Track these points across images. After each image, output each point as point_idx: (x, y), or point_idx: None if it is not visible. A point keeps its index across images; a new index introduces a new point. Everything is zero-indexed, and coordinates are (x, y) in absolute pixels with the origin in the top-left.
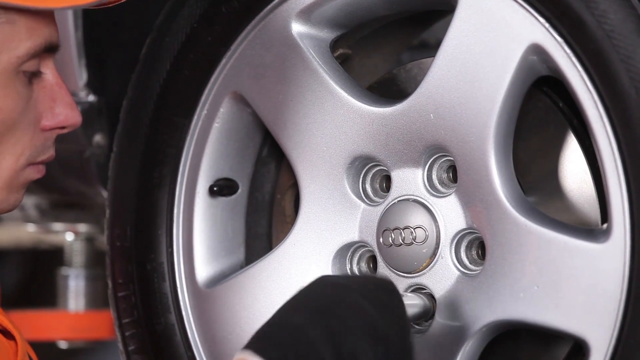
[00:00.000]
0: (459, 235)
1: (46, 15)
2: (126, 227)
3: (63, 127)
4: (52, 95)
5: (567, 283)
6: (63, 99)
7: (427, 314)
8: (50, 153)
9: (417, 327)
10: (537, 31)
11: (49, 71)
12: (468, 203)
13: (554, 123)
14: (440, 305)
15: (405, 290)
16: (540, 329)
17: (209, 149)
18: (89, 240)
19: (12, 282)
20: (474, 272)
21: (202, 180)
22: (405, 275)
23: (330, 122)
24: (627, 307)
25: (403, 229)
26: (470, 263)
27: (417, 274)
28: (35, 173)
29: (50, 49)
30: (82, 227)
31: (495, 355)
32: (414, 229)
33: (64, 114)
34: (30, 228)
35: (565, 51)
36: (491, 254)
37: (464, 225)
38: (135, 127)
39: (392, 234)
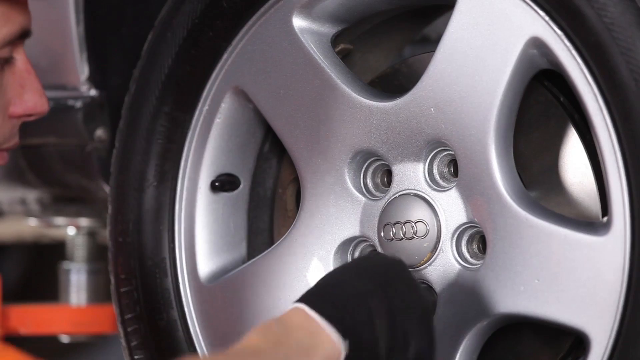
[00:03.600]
0: (460, 229)
1: (21, 2)
2: (128, 222)
3: (30, 115)
4: (22, 81)
5: (567, 276)
6: (32, 86)
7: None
8: (15, 140)
9: None
10: (537, 24)
11: (19, 57)
12: (469, 197)
13: (554, 117)
14: (441, 299)
15: None
16: (541, 322)
17: (211, 144)
18: (91, 234)
19: (13, 277)
20: (475, 266)
21: (204, 176)
22: None
23: (332, 117)
24: (627, 299)
25: (404, 223)
26: (471, 257)
27: (418, 268)
28: None
29: (23, 35)
30: (84, 222)
31: (497, 349)
32: (415, 223)
33: (32, 100)
34: (32, 222)
35: (565, 44)
36: (492, 247)
37: (465, 219)
38: (137, 122)
39: (393, 228)
